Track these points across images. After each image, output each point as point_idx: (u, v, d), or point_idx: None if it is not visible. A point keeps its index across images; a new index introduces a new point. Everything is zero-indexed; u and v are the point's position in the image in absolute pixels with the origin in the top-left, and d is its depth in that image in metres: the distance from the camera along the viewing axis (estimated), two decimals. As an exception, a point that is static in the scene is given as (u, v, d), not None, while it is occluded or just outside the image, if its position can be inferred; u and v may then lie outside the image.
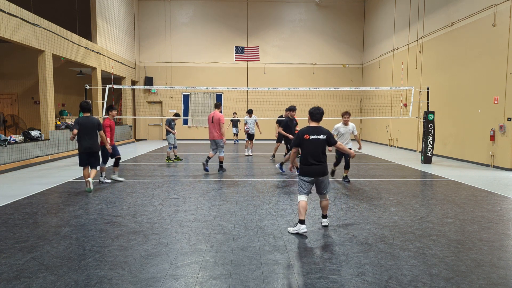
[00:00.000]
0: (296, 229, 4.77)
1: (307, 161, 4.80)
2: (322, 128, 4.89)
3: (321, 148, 4.83)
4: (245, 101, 21.53)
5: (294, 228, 4.82)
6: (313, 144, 4.79)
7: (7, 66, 17.44)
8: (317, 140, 4.79)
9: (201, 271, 3.63)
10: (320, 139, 4.80)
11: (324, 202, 5.00)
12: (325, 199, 5.00)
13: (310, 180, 4.83)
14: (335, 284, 3.37)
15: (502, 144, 10.36)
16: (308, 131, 4.84)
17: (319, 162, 4.80)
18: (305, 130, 4.86)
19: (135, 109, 21.54)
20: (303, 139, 4.81)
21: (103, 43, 16.71)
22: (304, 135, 4.81)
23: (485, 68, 11.05)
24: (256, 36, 21.81)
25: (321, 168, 4.81)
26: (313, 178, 4.82)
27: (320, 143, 4.81)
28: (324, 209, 5.05)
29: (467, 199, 6.76)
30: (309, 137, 4.79)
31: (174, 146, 11.90)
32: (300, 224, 4.72)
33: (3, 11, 9.90)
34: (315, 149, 4.79)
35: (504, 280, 3.49)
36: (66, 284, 3.34)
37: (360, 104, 22.19)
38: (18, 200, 6.62)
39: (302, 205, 4.74)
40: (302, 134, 4.83)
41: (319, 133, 4.82)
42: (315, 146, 4.79)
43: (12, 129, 17.42)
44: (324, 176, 4.86)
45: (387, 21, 18.47)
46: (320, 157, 4.82)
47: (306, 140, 4.79)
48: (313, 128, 4.87)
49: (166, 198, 6.81)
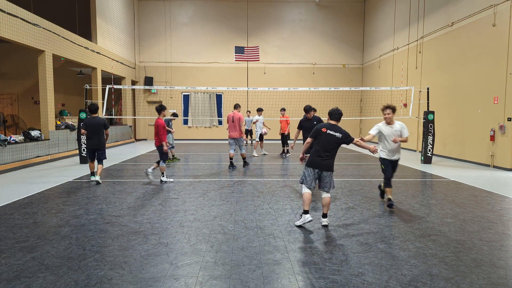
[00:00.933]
0: (302, 220, 5.04)
1: (317, 153, 5.06)
2: (340, 128, 5.16)
3: (334, 144, 5.08)
4: (245, 101, 21.53)
5: (300, 220, 5.08)
6: (327, 138, 5.06)
7: (7, 66, 17.43)
8: (333, 136, 5.06)
9: (201, 271, 3.63)
10: (335, 135, 5.06)
11: (326, 199, 5.10)
12: (327, 196, 5.11)
13: (315, 172, 5.05)
14: (335, 284, 3.37)
15: (502, 144, 10.36)
16: (326, 126, 5.15)
17: (328, 157, 5.04)
18: (324, 125, 5.18)
19: (135, 109, 21.54)
20: (320, 132, 5.11)
21: (103, 43, 16.71)
22: (322, 128, 5.12)
23: (485, 68, 11.05)
24: (256, 36, 21.81)
25: (328, 163, 5.06)
26: (317, 170, 5.04)
27: (334, 139, 5.06)
28: (325, 207, 5.12)
29: (467, 199, 6.76)
30: (326, 130, 5.08)
31: (171, 146, 11.83)
32: (304, 214, 5.01)
33: (3, 11, 9.90)
34: (328, 143, 5.05)
35: (504, 280, 3.49)
36: (66, 284, 3.34)
37: (360, 104, 22.19)
38: (18, 200, 6.61)
39: (307, 197, 5.03)
40: (321, 127, 5.15)
41: (336, 130, 5.09)
42: (328, 140, 5.06)
43: (12, 129, 17.42)
44: (328, 172, 5.06)
45: (387, 21, 18.47)
46: (330, 152, 5.06)
47: (323, 133, 5.09)
48: (331, 125, 5.16)
49: (166, 198, 6.81)
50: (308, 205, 5.00)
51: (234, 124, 10.22)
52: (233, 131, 10.26)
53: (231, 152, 10.37)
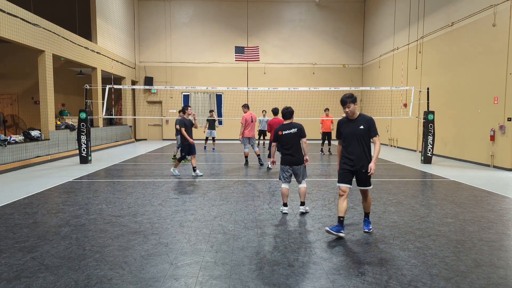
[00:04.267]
0: (282, 209, 5.81)
1: (285, 152, 5.76)
2: (295, 123, 5.73)
3: (294, 139, 5.69)
4: (245, 101, 21.51)
5: (282, 208, 5.79)
6: (286, 137, 5.67)
7: (7, 66, 17.43)
8: (290, 133, 5.65)
9: (201, 271, 3.63)
10: (291, 132, 5.62)
11: (302, 189, 5.73)
12: (303, 186, 5.74)
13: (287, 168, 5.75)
14: (335, 284, 3.37)
15: (502, 144, 10.36)
16: (281, 128, 5.68)
17: (295, 153, 5.69)
18: (280, 127, 5.71)
19: (135, 109, 21.54)
20: (278, 135, 5.71)
21: (103, 43, 16.71)
22: (278, 131, 5.68)
23: (485, 68, 11.05)
24: (256, 36, 21.81)
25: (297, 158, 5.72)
26: (288, 166, 5.70)
27: (291, 135, 5.67)
28: (302, 196, 5.75)
29: (467, 199, 6.76)
30: (282, 132, 5.67)
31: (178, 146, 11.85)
32: (283, 206, 5.79)
33: (3, 11, 9.90)
34: (288, 140, 5.68)
35: (504, 280, 3.49)
36: (66, 284, 3.34)
37: (360, 104, 22.19)
38: (18, 200, 6.62)
39: (284, 192, 5.82)
40: (277, 131, 5.72)
41: (291, 127, 5.65)
42: (287, 137, 5.69)
43: (12, 129, 17.42)
44: (299, 165, 5.68)
45: (387, 21, 18.47)
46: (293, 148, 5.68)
47: (280, 135, 5.69)
48: (286, 124, 5.73)
49: (166, 198, 6.81)
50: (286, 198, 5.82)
51: (254, 124, 10.82)
52: (252, 130, 10.84)
53: (246, 151, 10.98)
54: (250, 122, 10.81)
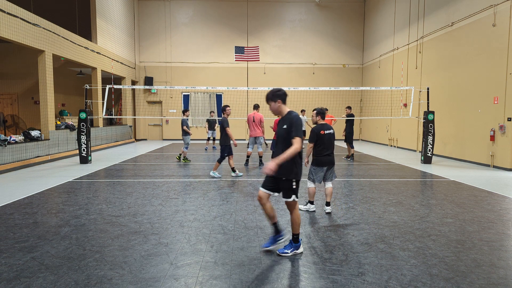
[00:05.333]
0: (307, 207, 5.90)
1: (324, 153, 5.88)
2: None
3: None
4: (245, 101, 21.53)
5: (305, 206, 5.91)
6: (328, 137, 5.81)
7: (7, 66, 17.43)
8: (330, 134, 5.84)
9: (201, 271, 3.63)
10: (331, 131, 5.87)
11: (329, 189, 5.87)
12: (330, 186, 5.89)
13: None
14: (335, 284, 3.37)
15: (502, 144, 10.36)
16: (324, 127, 5.76)
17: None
18: (320, 127, 5.74)
19: (135, 109, 21.54)
20: (319, 134, 5.74)
21: (103, 43, 16.71)
22: (320, 131, 5.70)
23: (485, 68, 11.05)
24: (256, 36, 21.80)
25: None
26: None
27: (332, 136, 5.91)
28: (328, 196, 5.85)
29: (467, 199, 6.76)
30: (324, 132, 5.76)
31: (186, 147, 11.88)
32: (310, 204, 5.88)
33: (3, 11, 9.90)
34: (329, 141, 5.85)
35: (504, 280, 3.49)
36: (66, 284, 3.34)
37: (360, 104, 22.19)
38: (18, 200, 6.61)
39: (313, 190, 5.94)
40: (318, 131, 5.73)
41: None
42: (328, 138, 5.83)
43: (12, 129, 17.41)
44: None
45: (387, 21, 18.47)
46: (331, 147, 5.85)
47: (322, 135, 5.73)
48: (322, 124, 5.83)
49: (166, 198, 6.81)
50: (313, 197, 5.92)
51: (255, 124, 10.87)
52: (253, 131, 10.93)
53: (249, 151, 11.12)
54: (252, 122, 10.90)
